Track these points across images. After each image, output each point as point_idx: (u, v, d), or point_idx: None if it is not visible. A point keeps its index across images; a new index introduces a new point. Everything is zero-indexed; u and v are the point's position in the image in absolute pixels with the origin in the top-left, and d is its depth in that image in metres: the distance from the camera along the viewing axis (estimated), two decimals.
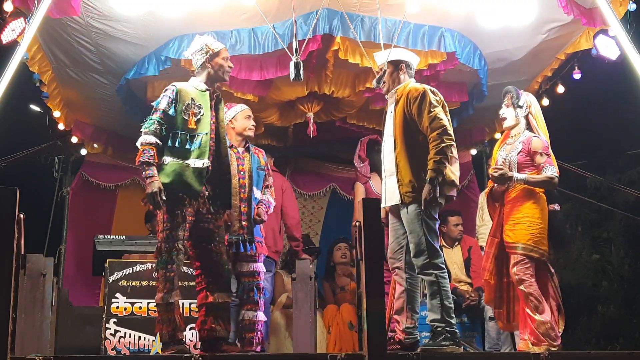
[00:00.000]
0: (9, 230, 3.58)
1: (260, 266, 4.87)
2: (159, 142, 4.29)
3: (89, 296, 7.42)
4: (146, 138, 4.29)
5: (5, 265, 3.53)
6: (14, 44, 4.87)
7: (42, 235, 7.41)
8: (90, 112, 7.25)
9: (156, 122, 4.32)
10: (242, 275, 4.78)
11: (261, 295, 4.78)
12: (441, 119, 4.49)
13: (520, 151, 4.72)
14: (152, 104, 4.47)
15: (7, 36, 4.91)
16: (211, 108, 4.47)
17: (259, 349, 4.69)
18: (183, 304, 4.35)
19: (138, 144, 4.31)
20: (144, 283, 5.34)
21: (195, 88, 4.48)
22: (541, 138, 4.73)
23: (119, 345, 5.20)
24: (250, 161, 5.02)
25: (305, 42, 5.32)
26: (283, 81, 6.15)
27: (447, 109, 4.67)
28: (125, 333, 5.23)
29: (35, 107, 7.24)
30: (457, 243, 6.59)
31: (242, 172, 4.95)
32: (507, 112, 4.87)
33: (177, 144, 4.32)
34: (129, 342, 5.22)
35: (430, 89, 4.63)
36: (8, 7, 4.91)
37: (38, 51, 5.71)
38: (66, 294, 6.10)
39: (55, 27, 5.54)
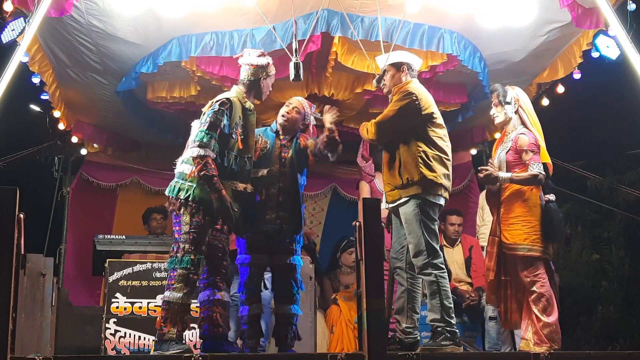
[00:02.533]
0: (9, 230, 3.58)
1: (296, 259, 4.69)
2: (214, 155, 4.22)
3: (89, 296, 7.41)
4: (204, 151, 4.18)
5: (5, 265, 3.53)
6: (14, 44, 4.87)
7: (42, 235, 7.41)
8: (91, 112, 7.26)
9: (214, 138, 4.23)
10: (278, 269, 4.64)
11: (298, 289, 4.65)
12: (388, 112, 4.61)
13: (510, 149, 4.74)
14: (209, 115, 4.29)
15: (7, 36, 4.91)
16: (254, 130, 4.48)
17: (294, 343, 4.61)
18: None
19: (194, 154, 4.19)
20: (144, 283, 5.34)
21: (242, 105, 4.43)
22: (528, 135, 4.72)
23: (119, 345, 5.20)
24: (293, 149, 4.76)
25: (305, 43, 5.32)
26: (283, 83, 6.15)
27: (436, 117, 4.66)
28: (125, 333, 5.22)
29: (35, 107, 7.24)
30: (457, 242, 6.58)
31: (283, 160, 4.69)
32: (496, 111, 4.89)
33: (225, 164, 4.29)
34: (129, 342, 5.22)
35: (414, 89, 4.65)
36: (8, 7, 4.91)
37: (38, 51, 5.71)
38: (66, 294, 6.10)
39: (56, 27, 5.54)
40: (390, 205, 4.70)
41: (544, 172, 4.65)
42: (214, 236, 4.33)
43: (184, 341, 4.25)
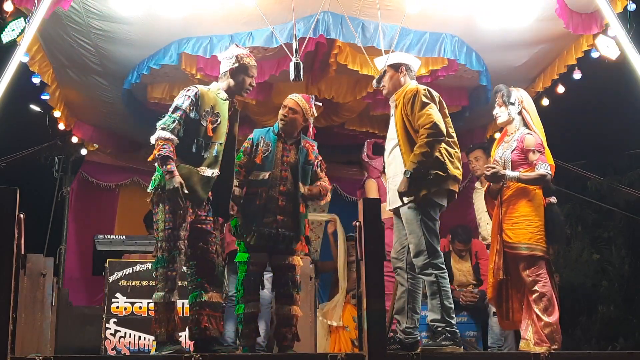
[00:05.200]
0: (9, 230, 3.58)
1: (296, 260, 4.68)
2: (176, 140, 4.22)
3: (89, 296, 7.42)
4: (164, 134, 4.18)
5: (5, 265, 3.53)
6: (13, 44, 4.87)
7: (42, 235, 7.42)
8: (91, 113, 7.26)
9: (177, 121, 4.24)
10: (277, 269, 4.65)
11: (297, 290, 4.65)
12: (430, 115, 4.45)
13: (515, 149, 4.74)
14: (175, 101, 4.35)
15: (7, 36, 4.91)
16: (228, 119, 4.45)
17: (293, 343, 4.59)
18: (181, 304, 4.34)
19: (153, 138, 4.20)
20: (144, 283, 5.35)
21: (216, 95, 4.43)
22: (534, 135, 4.73)
23: (119, 345, 5.21)
24: (297, 155, 4.71)
25: (304, 45, 5.30)
26: (284, 85, 6.15)
27: (445, 106, 4.65)
28: (125, 333, 5.23)
29: (35, 107, 7.25)
30: (465, 256, 6.52)
31: (284, 164, 4.66)
32: (499, 111, 4.88)
33: (193, 150, 4.27)
34: (129, 342, 5.22)
35: (423, 88, 4.63)
36: (8, 7, 4.91)
37: (38, 51, 5.71)
38: (66, 294, 6.12)
39: (56, 28, 5.54)
40: (393, 207, 4.69)
41: (551, 173, 4.67)
42: (200, 237, 4.32)
43: (180, 341, 4.23)
